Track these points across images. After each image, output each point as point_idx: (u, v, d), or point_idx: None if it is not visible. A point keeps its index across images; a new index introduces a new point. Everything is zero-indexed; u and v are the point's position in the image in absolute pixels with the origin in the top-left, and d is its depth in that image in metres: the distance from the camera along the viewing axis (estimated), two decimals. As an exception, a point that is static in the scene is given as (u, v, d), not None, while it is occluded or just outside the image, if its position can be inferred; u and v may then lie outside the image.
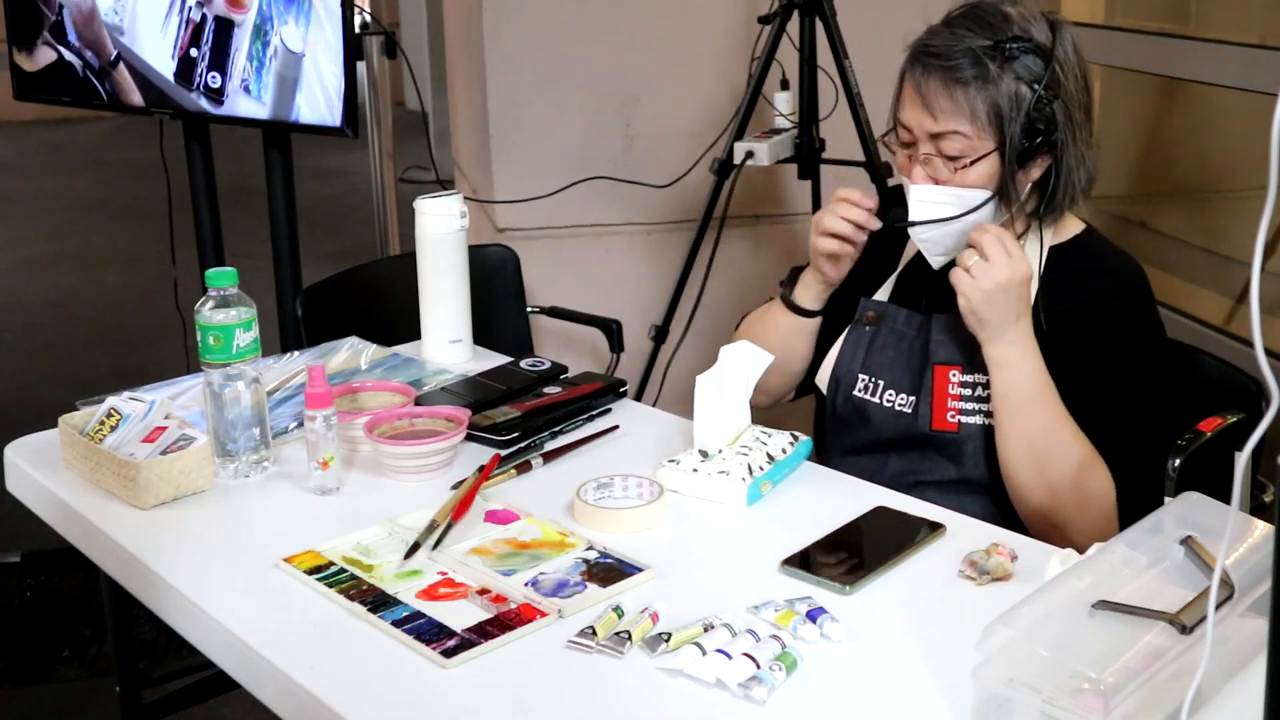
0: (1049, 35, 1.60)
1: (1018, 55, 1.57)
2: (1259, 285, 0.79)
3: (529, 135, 3.18)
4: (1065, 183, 1.62)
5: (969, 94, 1.59)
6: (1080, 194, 1.65)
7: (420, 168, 4.14)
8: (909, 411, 1.70)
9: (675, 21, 3.18)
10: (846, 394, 1.76)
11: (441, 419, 1.68)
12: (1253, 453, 0.86)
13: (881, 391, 1.73)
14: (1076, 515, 1.57)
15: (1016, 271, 1.55)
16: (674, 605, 1.28)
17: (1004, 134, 1.58)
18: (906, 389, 1.71)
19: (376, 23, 3.19)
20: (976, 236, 1.57)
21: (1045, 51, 1.59)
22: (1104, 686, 1.00)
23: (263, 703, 1.26)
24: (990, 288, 1.55)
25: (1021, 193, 1.64)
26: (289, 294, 2.93)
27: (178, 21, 2.74)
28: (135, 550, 1.45)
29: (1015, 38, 1.58)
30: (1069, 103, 1.60)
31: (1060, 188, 1.62)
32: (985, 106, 1.58)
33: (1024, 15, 1.61)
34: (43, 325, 5.21)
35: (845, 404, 1.76)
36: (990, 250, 1.55)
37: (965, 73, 1.58)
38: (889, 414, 1.72)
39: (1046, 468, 1.58)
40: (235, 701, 1.75)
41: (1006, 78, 1.58)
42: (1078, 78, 1.61)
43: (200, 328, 1.59)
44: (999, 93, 1.58)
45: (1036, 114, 1.58)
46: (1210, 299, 2.96)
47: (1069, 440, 1.58)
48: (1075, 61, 1.61)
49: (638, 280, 3.29)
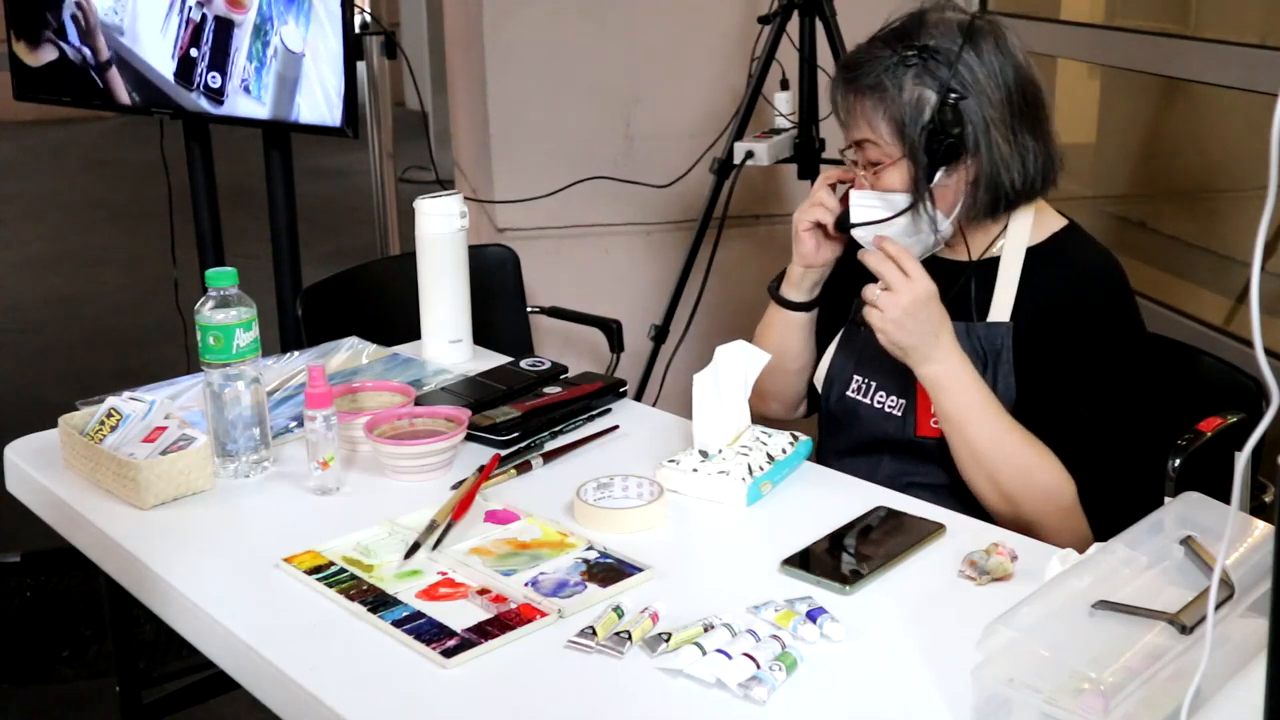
0: (957, 40, 1.61)
1: (916, 63, 1.61)
2: (1259, 285, 0.79)
3: (529, 135, 3.18)
4: (990, 183, 1.63)
5: (871, 103, 1.63)
6: (1020, 191, 1.65)
7: (420, 168, 4.14)
8: (899, 414, 1.70)
9: (675, 21, 3.18)
10: (840, 394, 1.77)
11: (441, 419, 1.68)
12: (1253, 453, 0.86)
13: (873, 393, 1.74)
14: (1039, 515, 1.58)
15: (917, 292, 1.57)
16: (674, 605, 1.28)
17: (908, 140, 1.62)
18: (897, 391, 1.72)
19: (376, 23, 3.19)
20: (874, 264, 1.60)
21: (950, 56, 1.60)
22: (1104, 686, 1.00)
23: (263, 703, 1.26)
24: (898, 315, 1.57)
25: (952, 196, 1.65)
26: (289, 294, 2.93)
27: (178, 21, 2.74)
28: (135, 550, 1.45)
29: (914, 46, 1.62)
30: (983, 104, 1.61)
31: (984, 188, 1.64)
32: (886, 114, 1.63)
33: (941, 21, 1.64)
34: (43, 325, 5.21)
35: (838, 404, 1.78)
36: (889, 278, 1.58)
37: (864, 82, 1.64)
38: (880, 415, 1.72)
39: (997, 476, 1.59)
40: (235, 701, 1.74)
41: (906, 86, 1.61)
42: (997, 77, 1.61)
43: (200, 328, 1.59)
44: (900, 100, 1.61)
45: (942, 119, 1.60)
46: (1210, 299, 2.96)
47: (1015, 447, 1.59)
48: (999, 62, 1.62)
49: (638, 280, 3.29)
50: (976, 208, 1.65)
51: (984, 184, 1.63)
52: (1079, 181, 3.56)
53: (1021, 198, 1.66)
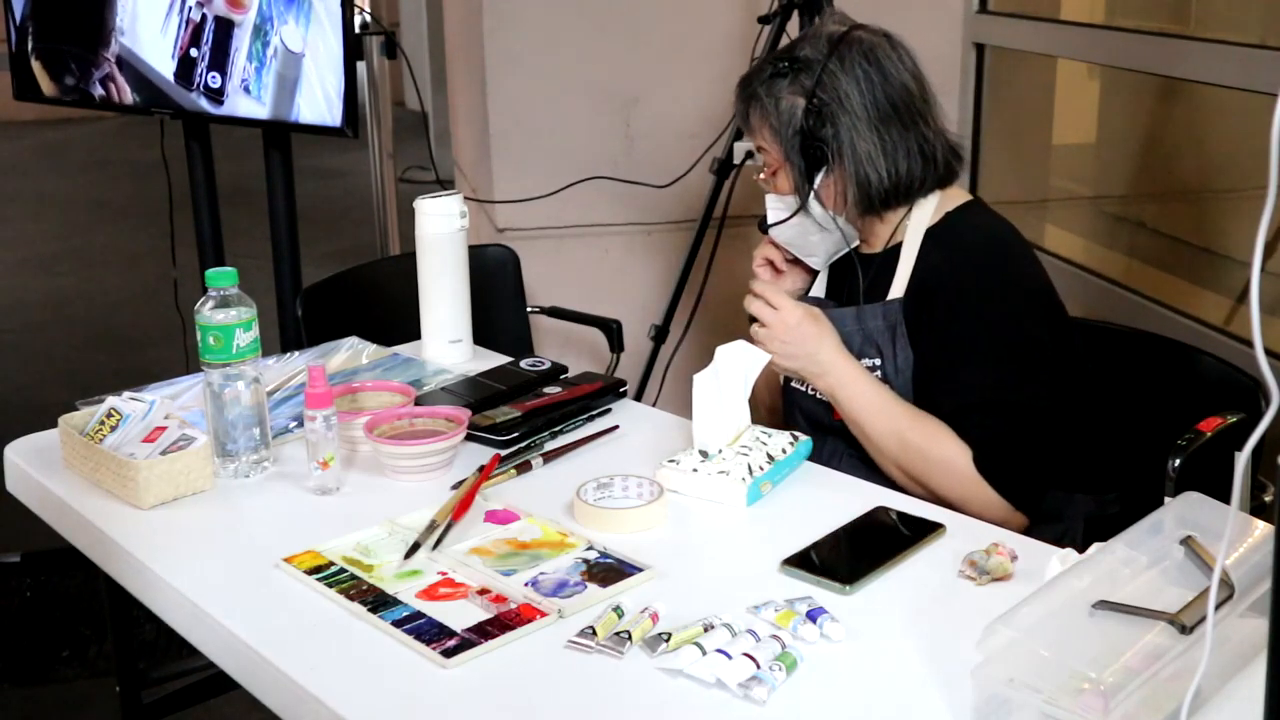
0: (824, 51, 1.74)
1: (786, 74, 1.75)
2: (1259, 285, 0.79)
3: (529, 135, 3.18)
4: (860, 182, 1.74)
5: (756, 113, 1.79)
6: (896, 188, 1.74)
7: (420, 168, 4.14)
8: (826, 402, 1.78)
9: (675, 21, 3.18)
10: (786, 384, 1.89)
11: (441, 419, 1.68)
12: (1253, 453, 0.86)
13: (807, 384, 1.82)
14: (945, 489, 1.64)
15: (787, 320, 1.72)
16: (674, 605, 1.28)
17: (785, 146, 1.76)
18: None
19: (376, 23, 3.19)
20: (747, 305, 1.75)
21: (816, 67, 1.73)
22: (1104, 686, 1.00)
23: (263, 703, 1.26)
24: (777, 346, 1.71)
25: (835, 196, 1.77)
26: (289, 294, 2.93)
27: (178, 21, 2.74)
28: (135, 550, 1.45)
29: (787, 58, 1.76)
30: (847, 111, 1.72)
31: (855, 187, 1.74)
32: (766, 123, 1.78)
33: (816, 35, 1.78)
34: (43, 325, 5.21)
35: (786, 395, 1.89)
36: (761, 314, 1.73)
37: (747, 92, 1.79)
38: (813, 402, 1.82)
39: (899, 461, 1.67)
40: (235, 701, 1.75)
41: (782, 96, 1.75)
42: (859, 84, 1.72)
43: (200, 328, 1.59)
44: (777, 110, 1.76)
45: (808, 125, 1.73)
46: (1210, 299, 2.96)
47: (913, 432, 1.66)
48: (864, 70, 1.73)
49: (638, 280, 3.29)
50: (857, 205, 1.76)
51: (854, 183, 1.74)
52: (1079, 181, 3.56)
53: (902, 193, 1.76)
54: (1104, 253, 3.36)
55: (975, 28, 3.28)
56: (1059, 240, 3.42)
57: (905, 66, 1.76)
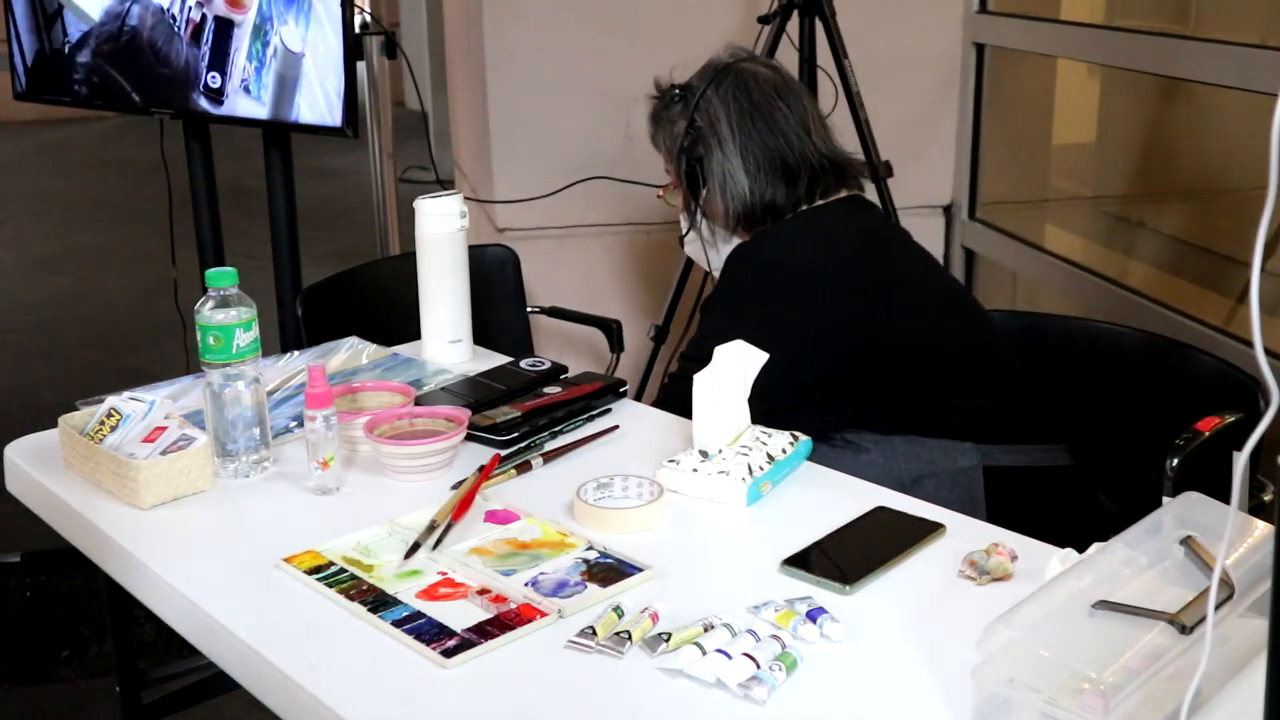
0: (706, 79, 1.92)
1: (677, 100, 1.96)
2: (1259, 285, 0.79)
3: (529, 135, 3.18)
4: (732, 199, 1.91)
5: (656, 136, 2.02)
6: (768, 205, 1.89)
7: (420, 168, 4.14)
8: None
9: (675, 21, 3.18)
10: None
11: (441, 419, 1.68)
12: (1252, 453, 0.86)
13: None
14: None
15: None
16: (674, 605, 1.28)
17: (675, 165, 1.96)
18: None
19: (376, 23, 3.18)
20: None
21: (695, 94, 1.93)
22: (1104, 686, 1.00)
23: (263, 703, 1.26)
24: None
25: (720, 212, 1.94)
26: (289, 294, 2.93)
27: (178, 21, 2.74)
28: (135, 550, 1.45)
29: (677, 85, 1.97)
30: (717, 134, 1.90)
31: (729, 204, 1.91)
32: (662, 144, 2.01)
33: (706, 65, 1.96)
34: (43, 325, 5.21)
35: None
36: None
37: (650, 116, 2.03)
38: None
39: None
40: (235, 701, 1.75)
41: (674, 120, 1.96)
42: (729, 108, 1.89)
43: (200, 328, 1.59)
44: (668, 133, 1.98)
45: (685, 146, 1.93)
46: (1210, 299, 2.96)
47: None
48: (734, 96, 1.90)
49: (638, 280, 3.29)
50: (737, 222, 1.93)
51: (727, 201, 1.91)
52: (1079, 181, 3.56)
53: (769, 212, 1.90)
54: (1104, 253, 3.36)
55: (975, 28, 3.28)
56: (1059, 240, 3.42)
57: (779, 94, 1.91)
